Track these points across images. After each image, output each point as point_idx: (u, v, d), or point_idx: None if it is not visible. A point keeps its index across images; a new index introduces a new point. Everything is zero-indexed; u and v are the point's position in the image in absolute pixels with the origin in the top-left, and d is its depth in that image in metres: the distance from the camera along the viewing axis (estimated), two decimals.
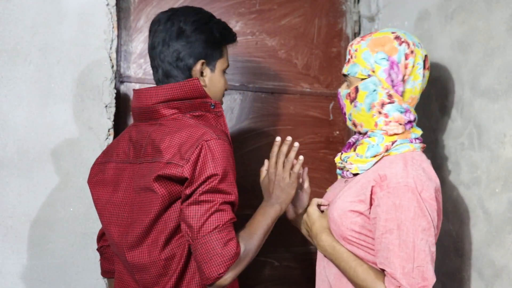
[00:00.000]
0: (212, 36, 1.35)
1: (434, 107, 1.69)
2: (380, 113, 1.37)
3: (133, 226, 1.24)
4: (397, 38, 1.38)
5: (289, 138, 1.41)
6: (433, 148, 1.68)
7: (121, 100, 1.84)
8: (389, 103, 1.37)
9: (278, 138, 1.41)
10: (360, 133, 1.45)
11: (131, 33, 1.87)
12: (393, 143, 1.36)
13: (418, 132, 1.42)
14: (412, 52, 1.37)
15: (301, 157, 1.41)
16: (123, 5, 1.85)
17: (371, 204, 1.31)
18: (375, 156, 1.37)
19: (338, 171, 1.51)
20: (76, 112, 1.67)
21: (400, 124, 1.38)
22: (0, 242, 1.59)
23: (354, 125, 1.43)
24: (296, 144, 1.41)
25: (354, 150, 1.42)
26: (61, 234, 1.65)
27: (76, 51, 1.67)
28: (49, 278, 1.64)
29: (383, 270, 1.26)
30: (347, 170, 1.43)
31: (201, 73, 1.34)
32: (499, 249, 1.41)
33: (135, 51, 1.87)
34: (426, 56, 1.40)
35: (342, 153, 1.47)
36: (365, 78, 1.38)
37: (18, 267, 1.61)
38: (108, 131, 1.71)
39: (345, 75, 1.45)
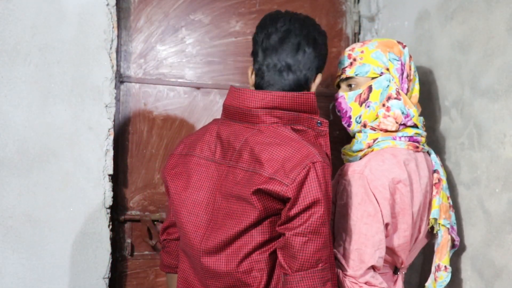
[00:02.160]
0: (328, 51, 1.35)
1: (434, 107, 1.69)
2: (383, 105, 1.41)
3: (217, 232, 1.19)
4: (399, 42, 1.48)
5: None
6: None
7: (121, 100, 1.84)
8: (395, 98, 1.41)
9: None
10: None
11: (131, 33, 1.87)
12: (374, 140, 1.41)
13: (410, 131, 1.44)
14: (411, 56, 1.48)
15: None
16: (123, 5, 1.85)
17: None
18: (360, 151, 1.43)
19: None
20: (76, 112, 1.67)
21: (397, 122, 1.41)
22: (0, 242, 1.59)
23: (365, 125, 1.44)
24: None
25: None
26: (61, 234, 1.65)
27: (76, 51, 1.67)
28: (49, 278, 1.64)
29: None
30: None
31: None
32: (499, 249, 1.41)
33: (135, 51, 1.87)
34: None
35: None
36: (376, 77, 1.41)
37: (18, 267, 1.61)
38: (108, 131, 1.71)
39: (348, 78, 1.45)
